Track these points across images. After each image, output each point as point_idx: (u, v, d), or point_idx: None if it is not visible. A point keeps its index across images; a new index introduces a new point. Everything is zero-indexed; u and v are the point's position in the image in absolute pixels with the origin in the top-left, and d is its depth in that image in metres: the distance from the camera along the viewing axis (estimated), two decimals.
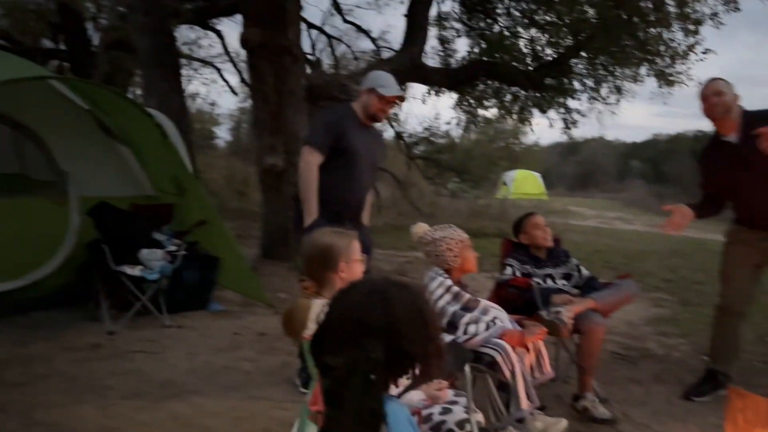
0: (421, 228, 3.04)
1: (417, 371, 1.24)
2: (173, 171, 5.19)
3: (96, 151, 5.25)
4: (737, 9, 8.02)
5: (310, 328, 1.75)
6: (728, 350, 3.59)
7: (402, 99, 3.43)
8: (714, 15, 8.07)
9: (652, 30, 8.19)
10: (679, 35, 8.34)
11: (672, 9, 8.03)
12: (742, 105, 3.36)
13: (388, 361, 1.15)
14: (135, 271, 4.52)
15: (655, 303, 6.16)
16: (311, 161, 3.30)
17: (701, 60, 8.41)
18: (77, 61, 11.50)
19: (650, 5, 7.85)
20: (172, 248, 4.82)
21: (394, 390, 1.38)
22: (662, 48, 8.39)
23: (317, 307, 1.93)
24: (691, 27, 8.14)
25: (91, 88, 5.27)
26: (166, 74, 8.20)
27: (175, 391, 3.35)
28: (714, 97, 3.30)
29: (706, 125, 3.64)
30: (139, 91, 12.51)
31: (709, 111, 3.35)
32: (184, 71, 15.88)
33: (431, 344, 1.23)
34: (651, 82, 8.91)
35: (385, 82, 3.41)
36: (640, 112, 74.74)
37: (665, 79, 8.63)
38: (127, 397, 3.22)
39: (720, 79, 3.39)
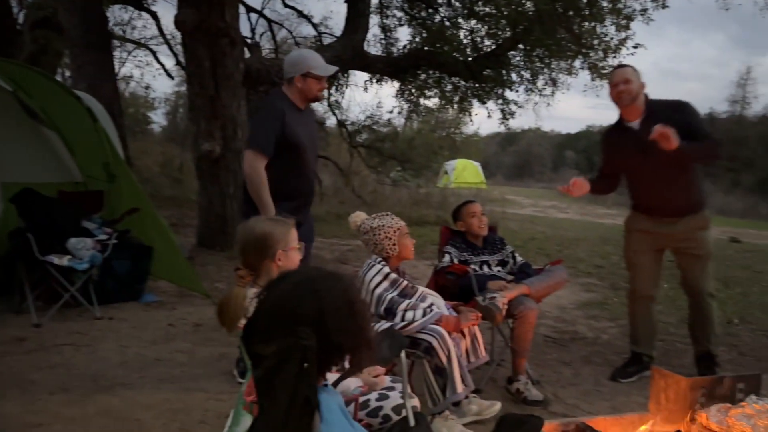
0: (359, 217, 3.04)
1: (347, 362, 1.24)
2: (103, 157, 5.00)
3: (20, 136, 5.00)
4: (665, 6, 8.40)
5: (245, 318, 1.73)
6: (646, 332, 3.76)
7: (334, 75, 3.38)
8: (644, 11, 8.43)
9: (586, 24, 8.45)
10: (611, 30, 8.68)
11: (605, 4, 8.31)
12: (647, 93, 3.49)
13: (318, 352, 1.15)
14: (63, 261, 4.33)
15: (585, 288, 6.40)
16: (257, 165, 3.14)
17: (632, 54, 8.78)
18: (0, 40, 10.84)
19: (585, 0, 8.09)
20: (103, 237, 4.65)
21: (329, 378, 1.38)
22: (595, 42, 8.69)
23: (251, 297, 1.91)
24: (623, 22, 8.46)
25: (14, 68, 4.99)
26: (96, 56, 7.89)
27: (105, 384, 3.24)
28: (622, 85, 3.42)
29: None
30: (68, 73, 11.97)
31: (617, 97, 3.46)
32: (116, 53, 15.33)
33: (361, 336, 1.23)
34: (585, 75, 9.23)
35: (315, 62, 3.27)
36: (575, 104, 77.21)
37: (598, 72, 8.93)
38: (54, 392, 3.09)
39: (628, 66, 3.52)
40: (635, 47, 8.69)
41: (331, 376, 1.57)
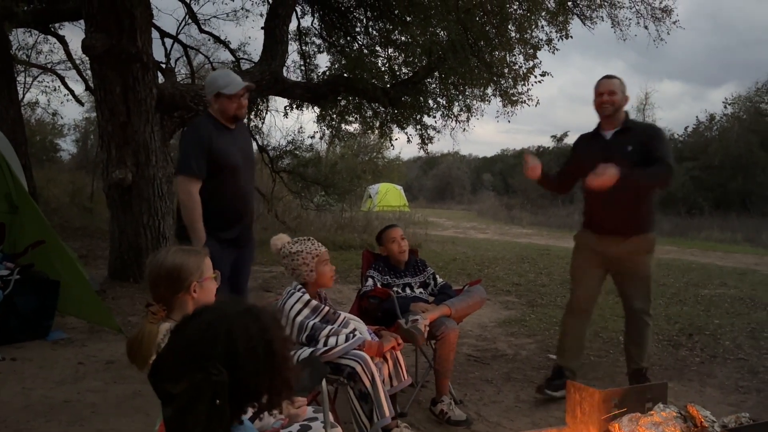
0: (280, 240, 3.01)
1: (263, 401, 1.20)
2: (4, 187, 4.71)
3: None
4: (569, 36, 8.91)
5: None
6: (573, 346, 3.83)
7: (250, 88, 3.38)
8: (549, 41, 8.91)
9: (496, 53, 8.83)
10: (520, 59, 9.10)
11: (513, 34, 8.72)
12: (627, 110, 3.63)
13: (233, 394, 1.10)
14: None
15: (505, 306, 6.58)
16: (190, 190, 3.16)
17: (540, 82, 9.21)
18: None
19: (494, 30, 8.45)
20: (4, 272, 4.37)
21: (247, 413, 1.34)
22: (506, 70, 9.06)
23: (164, 332, 1.83)
24: (530, 51, 8.90)
25: None
26: None
27: None
28: (606, 95, 3.52)
29: (548, 141, 4.02)
30: None
31: (599, 107, 3.57)
32: (20, 78, 14.53)
33: (279, 377, 1.18)
34: (497, 102, 9.57)
35: (224, 81, 3.27)
36: (490, 129, 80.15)
37: (509, 99, 9.30)
38: None
39: (615, 78, 3.58)
40: (543, 75, 9.14)
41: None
